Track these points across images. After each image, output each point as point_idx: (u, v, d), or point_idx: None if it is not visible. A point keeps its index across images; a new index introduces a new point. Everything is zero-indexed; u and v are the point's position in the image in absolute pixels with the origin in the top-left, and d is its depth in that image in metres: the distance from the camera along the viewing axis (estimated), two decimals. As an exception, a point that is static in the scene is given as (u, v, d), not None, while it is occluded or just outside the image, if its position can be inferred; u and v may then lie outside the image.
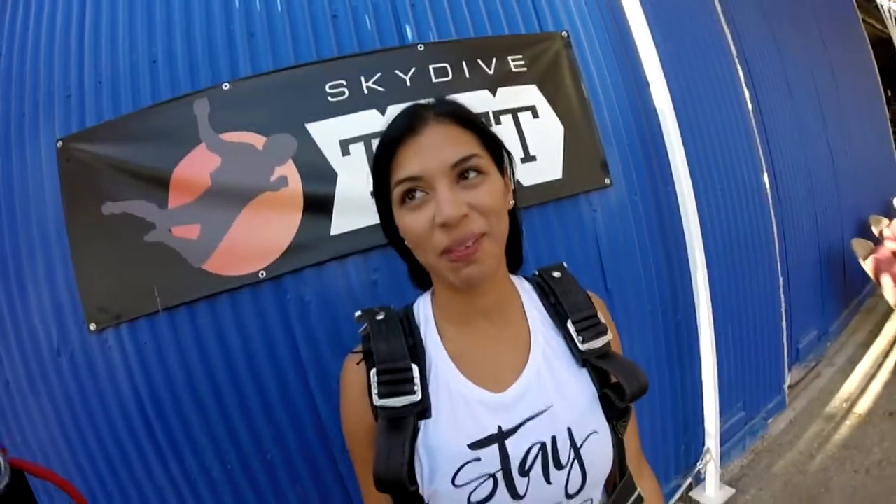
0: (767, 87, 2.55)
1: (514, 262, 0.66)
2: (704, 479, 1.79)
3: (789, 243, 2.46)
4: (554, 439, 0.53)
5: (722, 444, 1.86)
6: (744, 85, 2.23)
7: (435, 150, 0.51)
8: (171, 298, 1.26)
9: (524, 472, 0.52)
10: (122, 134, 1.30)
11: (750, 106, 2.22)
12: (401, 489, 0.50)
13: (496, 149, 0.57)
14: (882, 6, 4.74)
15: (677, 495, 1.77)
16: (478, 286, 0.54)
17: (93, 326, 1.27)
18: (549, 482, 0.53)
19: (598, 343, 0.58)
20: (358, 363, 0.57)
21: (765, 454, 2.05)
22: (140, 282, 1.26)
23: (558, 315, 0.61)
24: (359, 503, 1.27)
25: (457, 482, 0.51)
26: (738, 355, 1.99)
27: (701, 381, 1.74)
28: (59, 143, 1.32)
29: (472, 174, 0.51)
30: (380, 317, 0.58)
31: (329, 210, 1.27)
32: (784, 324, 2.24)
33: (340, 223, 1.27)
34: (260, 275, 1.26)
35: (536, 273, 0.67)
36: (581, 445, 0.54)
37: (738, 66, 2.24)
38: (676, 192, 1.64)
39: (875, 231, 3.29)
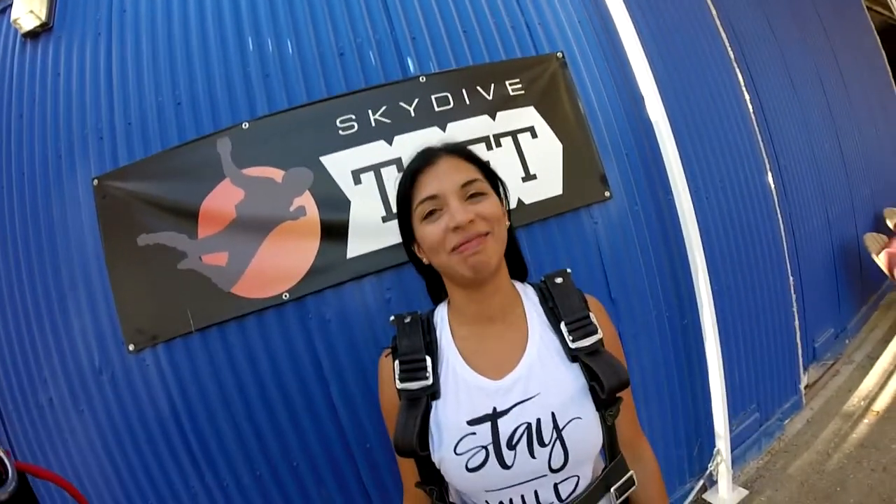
0: (769, 87, 2.55)
1: (519, 271, 0.79)
2: (717, 480, 1.80)
3: (799, 242, 2.44)
4: (539, 421, 0.64)
5: (737, 445, 1.87)
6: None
7: (447, 174, 0.66)
8: (204, 320, 1.37)
9: (511, 446, 0.63)
10: (153, 172, 1.43)
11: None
12: (414, 454, 0.63)
13: (493, 179, 0.73)
14: (889, -8, 4.66)
15: (690, 497, 1.79)
16: (483, 274, 0.65)
17: (131, 347, 1.40)
18: (533, 456, 0.63)
19: (587, 342, 0.68)
20: (387, 356, 0.73)
21: (781, 455, 2.04)
22: (174, 305, 1.38)
23: (554, 316, 0.71)
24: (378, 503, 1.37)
25: (457, 451, 0.63)
26: (749, 357, 1.99)
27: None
28: (95, 182, 1.46)
29: (477, 196, 0.66)
30: (407, 319, 0.73)
31: (344, 235, 1.37)
32: (797, 323, 2.23)
33: (355, 247, 1.37)
34: (284, 296, 1.36)
35: (542, 279, 0.78)
36: (563, 428, 0.64)
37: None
38: (674, 200, 1.67)
39: (890, 224, 3.22)
